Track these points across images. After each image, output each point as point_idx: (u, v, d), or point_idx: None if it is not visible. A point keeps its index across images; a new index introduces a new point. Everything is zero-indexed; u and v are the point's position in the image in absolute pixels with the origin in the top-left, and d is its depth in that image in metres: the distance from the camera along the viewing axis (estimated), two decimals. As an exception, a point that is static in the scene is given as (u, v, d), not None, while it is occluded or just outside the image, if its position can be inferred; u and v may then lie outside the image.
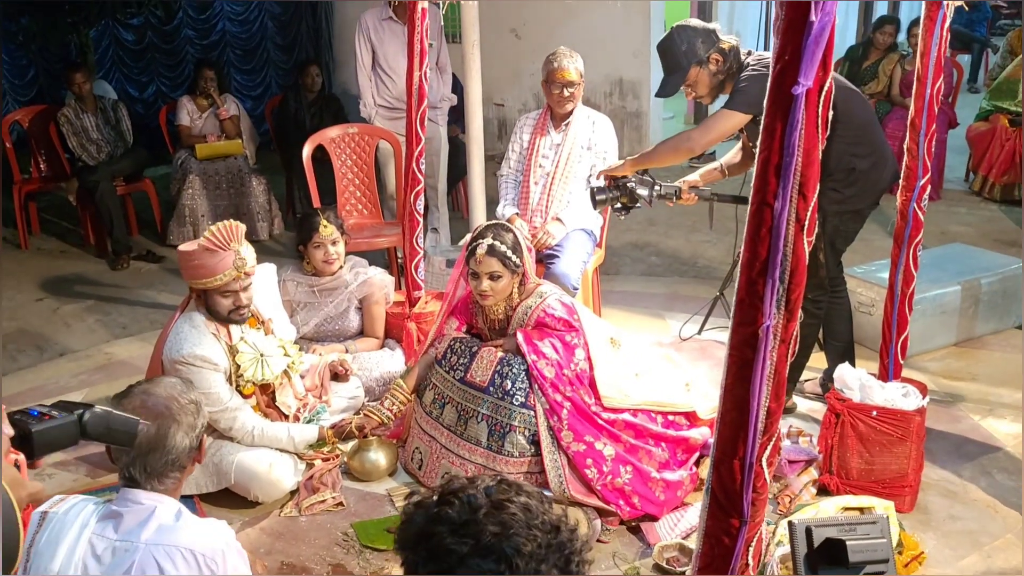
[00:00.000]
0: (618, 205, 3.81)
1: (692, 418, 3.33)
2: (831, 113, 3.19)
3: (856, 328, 4.35)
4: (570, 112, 4.28)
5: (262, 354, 3.30)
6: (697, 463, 3.28)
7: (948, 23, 2.99)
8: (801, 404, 3.81)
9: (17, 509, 1.35)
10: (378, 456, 3.39)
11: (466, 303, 3.48)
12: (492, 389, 3.16)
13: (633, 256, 6.01)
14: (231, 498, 3.25)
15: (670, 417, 3.28)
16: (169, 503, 1.88)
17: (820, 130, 1.55)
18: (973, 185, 7.09)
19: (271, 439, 3.29)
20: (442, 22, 5.64)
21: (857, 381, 3.15)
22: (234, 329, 3.28)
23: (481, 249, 3.19)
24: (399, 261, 5.02)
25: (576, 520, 1.43)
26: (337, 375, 3.74)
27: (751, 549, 1.73)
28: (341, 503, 3.24)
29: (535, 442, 3.10)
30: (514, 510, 1.30)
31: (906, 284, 3.22)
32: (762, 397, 1.63)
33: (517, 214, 4.32)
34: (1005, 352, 4.30)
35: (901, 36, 8.96)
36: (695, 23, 3.53)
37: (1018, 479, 3.27)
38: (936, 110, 3.08)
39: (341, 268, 4.05)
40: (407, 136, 4.07)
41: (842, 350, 3.72)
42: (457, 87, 5.78)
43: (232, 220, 3.18)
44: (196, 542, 1.80)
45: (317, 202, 4.97)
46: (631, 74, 8.39)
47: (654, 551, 2.87)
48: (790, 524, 1.99)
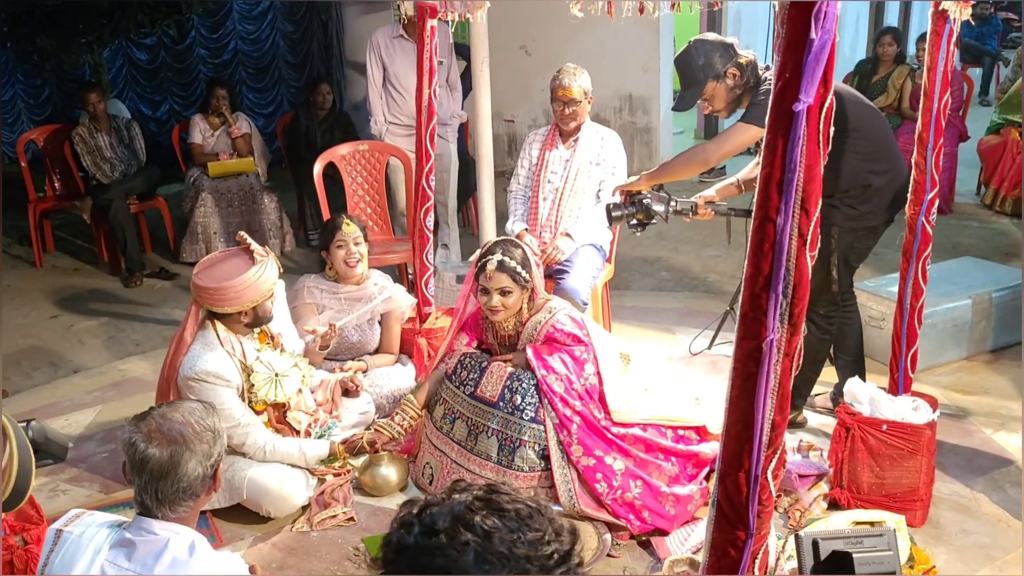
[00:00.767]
0: (634, 221, 3.78)
1: (702, 433, 3.34)
2: (848, 129, 3.24)
3: (866, 342, 4.34)
4: (576, 128, 4.31)
5: (277, 374, 3.32)
6: (707, 478, 3.28)
7: (955, 37, 3.01)
8: (812, 418, 3.80)
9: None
10: (389, 471, 3.41)
11: (476, 319, 3.50)
12: (502, 404, 3.17)
13: (643, 271, 6.02)
14: (243, 513, 3.26)
15: (680, 432, 3.28)
16: (184, 534, 1.85)
17: (821, 146, 1.56)
18: (984, 198, 7.08)
19: (283, 455, 3.31)
20: (452, 40, 5.69)
21: (867, 395, 3.15)
22: (248, 347, 3.30)
23: (491, 265, 3.21)
24: (409, 277, 5.05)
25: (575, 531, 1.28)
26: (348, 391, 3.75)
27: (757, 561, 1.74)
28: (352, 518, 3.25)
29: (545, 457, 3.10)
30: (478, 532, 1.17)
31: (915, 298, 3.22)
32: (766, 410, 1.64)
33: (526, 230, 4.35)
34: (1016, 366, 4.29)
35: (911, 49, 8.97)
36: (712, 37, 3.51)
37: (1030, 493, 3.26)
38: (944, 124, 3.09)
39: (365, 275, 4.07)
40: (417, 153, 4.10)
41: (852, 364, 3.72)
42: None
43: (240, 232, 3.30)
44: None
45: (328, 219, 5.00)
46: (641, 90, 8.43)
47: (664, 566, 2.86)
48: (797, 537, 2.00)
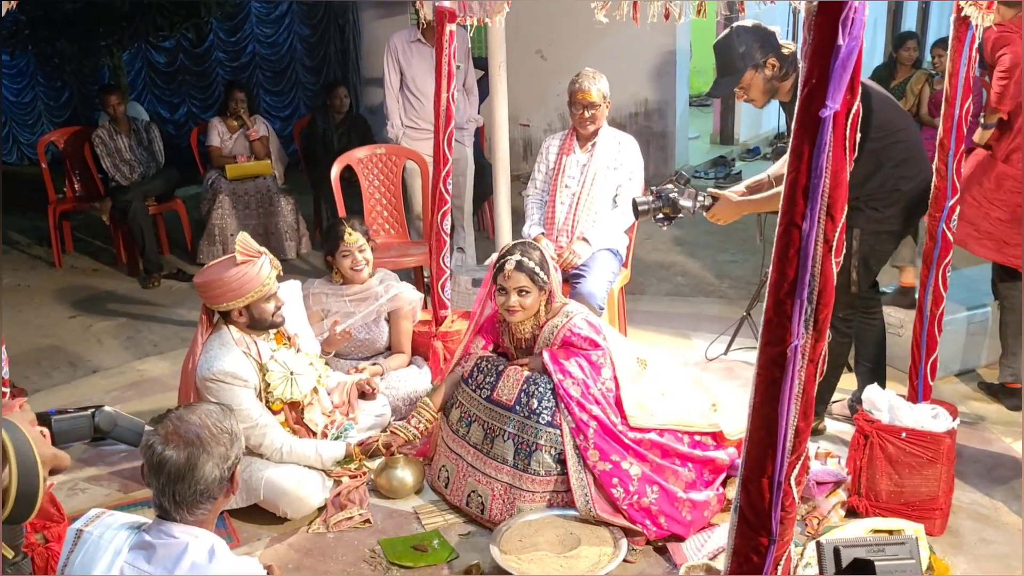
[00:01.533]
0: (660, 215, 3.66)
1: (719, 438, 3.33)
2: (882, 134, 3.23)
3: (886, 349, 4.33)
4: (594, 133, 4.31)
5: (292, 372, 3.34)
6: (724, 483, 3.27)
7: (977, 43, 2.99)
8: (830, 425, 3.78)
9: (38, 456, 1.57)
10: (405, 474, 3.41)
11: (492, 322, 3.50)
12: (518, 408, 3.17)
13: (659, 276, 6.01)
14: (260, 514, 3.28)
15: (697, 437, 3.27)
16: (203, 538, 1.85)
17: (848, 152, 1.56)
18: None
19: (299, 456, 3.32)
20: (469, 44, 5.70)
21: (886, 403, 3.13)
22: (264, 347, 3.32)
23: (510, 265, 3.21)
24: (426, 280, 5.06)
25: None
26: (364, 394, 3.76)
27: (779, 568, 1.73)
28: (368, 520, 3.26)
29: (561, 461, 3.10)
30: None
31: (935, 305, 3.21)
32: (790, 416, 1.63)
33: (543, 234, 4.35)
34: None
35: (927, 55, 8.93)
36: (755, 25, 3.43)
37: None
38: (965, 130, 3.08)
39: (371, 276, 4.08)
40: (434, 156, 4.11)
41: (872, 372, 3.70)
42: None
43: (242, 232, 3.28)
44: None
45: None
46: (657, 95, 8.42)
47: (680, 572, 2.85)
48: (818, 544, 1.99)
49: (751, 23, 3.43)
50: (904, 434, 3.02)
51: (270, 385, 3.29)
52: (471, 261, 5.83)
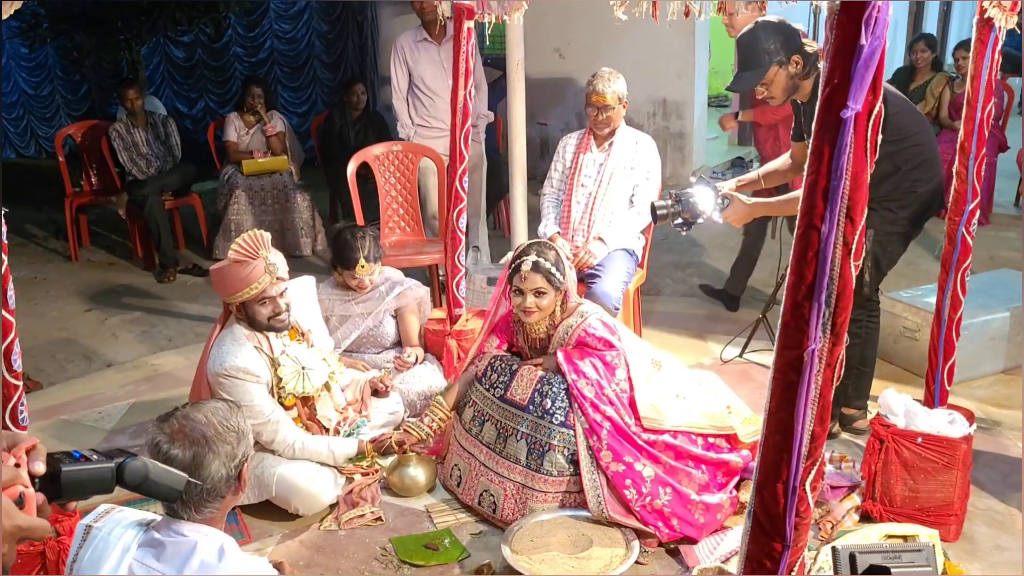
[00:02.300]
0: (679, 220, 3.61)
1: (733, 441, 3.31)
2: (900, 137, 3.20)
3: (902, 353, 4.30)
4: (610, 133, 4.29)
5: (303, 367, 3.34)
6: (738, 486, 3.25)
7: (1000, 46, 2.96)
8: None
9: None
10: (417, 472, 3.41)
11: (507, 321, 3.49)
12: (532, 408, 3.16)
13: (675, 277, 5.99)
14: (272, 510, 3.28)
15: (710, 439, 3.25)
16: (212, 536, 1.84)
17: (869, 154, 1.54)
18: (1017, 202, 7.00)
19: (312, 452, 3.32)
20: (474, 40, 5.66)
21: (902, 407, 3.10)
22: (275, 342, 3.32)
23: (526, 266, 3.20)
24: (440, 279, 5.06)
25: None
26: (377, 391, 3.76)
27: (793, 573, 1.71)
28: (380, 518, 3.26)
29: (574, 461, 3.09)
30: None
31: (953, 310, 3.18)
32: (806, 421, 1.61)
33: (559, 233, 4.34)
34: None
35: (948, 58, 8.86)
36: (780, 21, 3.39)
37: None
38: (986, 134, 3.05)
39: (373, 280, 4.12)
40: (451, 154, 4.10)
41: (867, 376, 3.68)
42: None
43: (256, 230, 3.24)
44: None
45: (360, 219, 5.03)
46: (675, 94, 8.38)
47: (692, 574, 2.84)
48: (833, 549, 1.97)
49: (776, 19, 3.40)
50: (920, 439, 2.99)
51: (282, 380, 3.29)
52: (486, 260, 5.82)
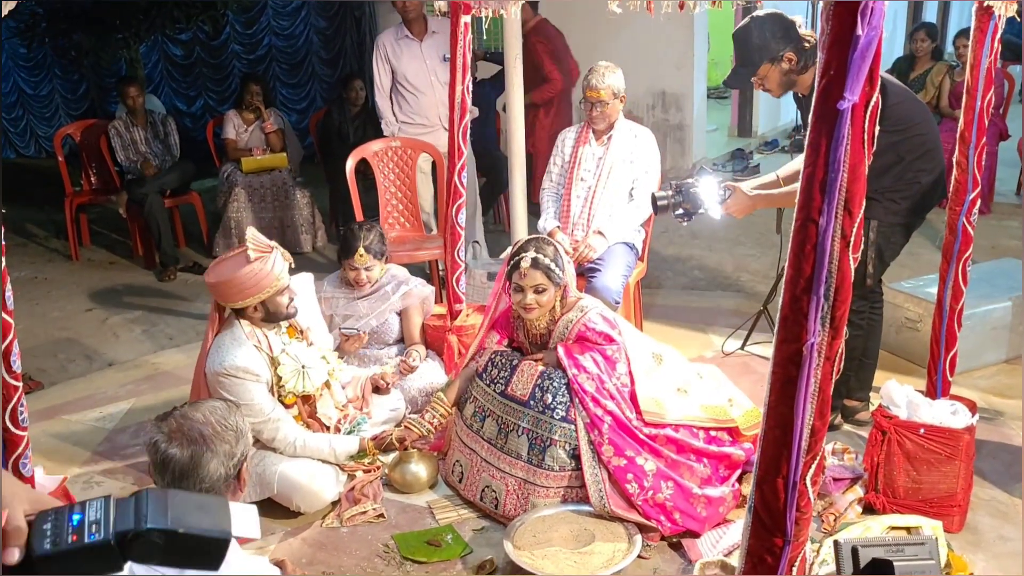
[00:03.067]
0: (680, 211, 3.59)
1: (735, 434, 3.30)
2: (902, 128, 3.19)
3: (904, 344, 4.29)
4: (609, 127, 4.28)
5: (303, 365, 3.34)
6: (740, 479, 3.25)
7: (999, 34, 2.95)
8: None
9: None
10: (419, 468, 3.40)
11: (507, 317, 3.49)
12: (533, 403, 3.15)
13: (675, 270, 5.98)
14: (273, 508, 3.27)
15: (712, 433, 3.25)
16: None
17: (866, 146, 1.52)
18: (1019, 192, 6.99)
19: (313, 450, 3.32)
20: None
21: (904, 398, 3.09)
22: (275, 341, 3.32)
23: (525, 263, 3.19)
24: (440, 274, 5.05)
25: None
26: (378, 388, 3.76)
27: (794, 568, 1.71)
28: (382, 515, 3.25)
29: (576, 456, 3.08)
30: None
31: (955, 300, 3.17)
32: (806, 415, 1.60)
33: (559, 227, 4.32)
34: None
35: (948, 47, 8.83)
36: (775, 15, 3.35)
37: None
38: (986, 122, 3.03)
39: (378, 279, 4.11)
40: (448, 150, 4.09)
41: (870, 368, 3.67)
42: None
43: (250, 228, 3.29)
44: None
45: (360, 215, 5.02)
46: (674, 87, 8.36)
47: (695, 568, 2.84)
48: (836, 543, 1.96)
49: (771, 12, 3.37)
50: (922, 430, 2.98)
51: (282, 379, 3.29)
52: (486, 255, 5.81)
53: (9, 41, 10.03)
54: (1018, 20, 2.90)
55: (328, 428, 3.44)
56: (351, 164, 5.20)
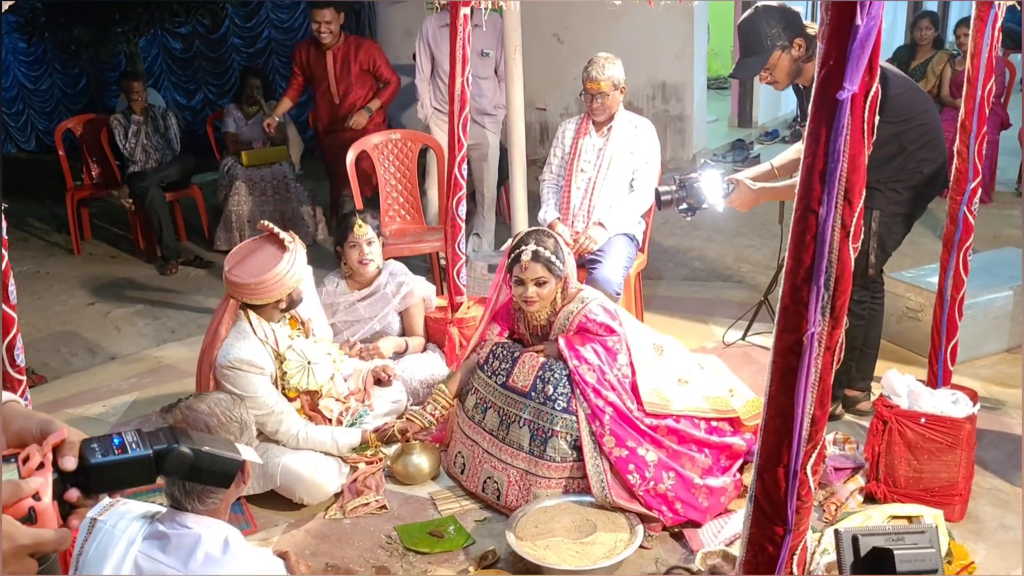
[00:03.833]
0: (684, 206, 3.57)
1: (736, 424, 3.31)
2: (904, 118, 3.18)
3: (904, 333, 4.29)
4: (609, 118, 4.28)
5: (309, 362, 3.34)
6: (741, 469, 3.26)
7: (1000, 23, 2.94)
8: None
9: None
10: (421, 460, 3.41)
11: (508, 308, 3.49)
12: (534, 394, 3.16)
13: (676, 261, 5.98)
14: (276, 500, 3.29)
15: (713, 423, 3.25)
16: (216, 528, 1.85)
17: (866, 136, 1.52)
18: (1017, 187, 6.98)
19: (315, 442, 3.33)
20: (502, 31, 5.60)
21: (905, 388, 3.10)
22: (282, 336, 3.33)
23: (526, 256, 3.19)
24: (441, 266, 5.05)
25: None
26: (380, 380, 3.76)
27: (795, 558, 1.71)
28: (385, 506, 3.27)
29: (577, 447, 3.09)
30: None
31: (956, 289, 3.17)
32: (807, 405, 1.60)
33: (559, 219, 4.33)
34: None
35: (950, 36, 8.81)
36: (780, 4, 3.35)
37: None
38: (987, 111, 3.03)
39: (379, 271, 4.08)
40: (449, 142, 4.09)
41: (872, 357, 3.67)
42: None
43: (264, 222, 3.32)
44: None
45: (360, 207, 5.02)
46: (674, 77, 8.35)
47: (697, 558, 2.84)
48: (836, 532, 1.96)
49: (776, 2, 3.37)
50: (923, 419, 2.99)
51: (287, 373, 3.29)
52: (487, 247, 5.81)
53: (9, 36, 10.03)
54: (1019, 8, 2.89)
55: (330, 421, 3.45)
56: (351, 157, 5.20)
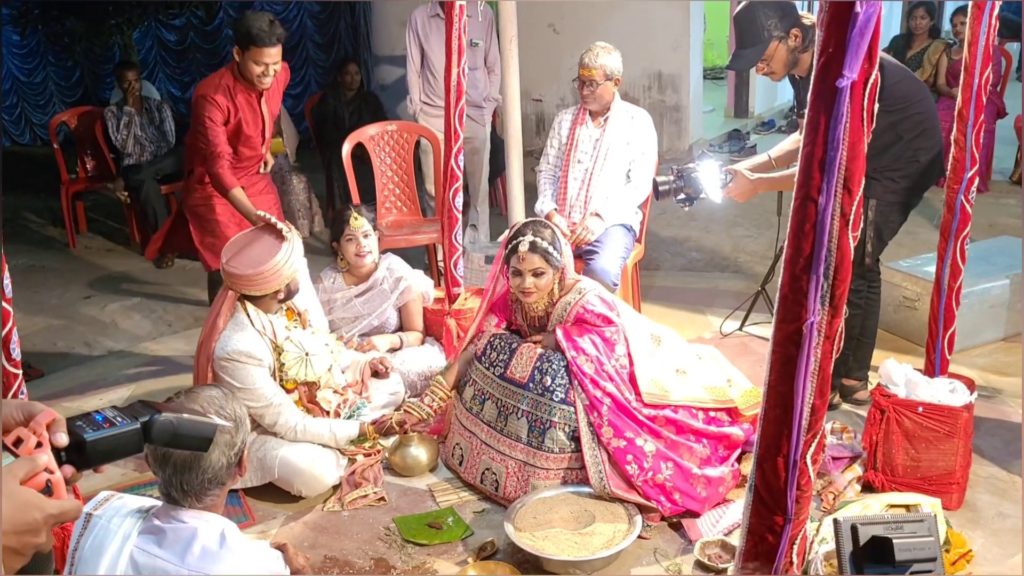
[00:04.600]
0: (682, 196, 3.58)
1: (734, 414, 3.31)
2: (901, 106, 3.18)
3: (902, 322, 4.29)
4: (605, 108, 4.26)
5: (307, 353, 3.34)
6: (739, 459, 3.26)
7: (996, 11, 2.93)
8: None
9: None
10: (419, 452, 3.41)
11: (505, 300, 3.48)
12: (532, 385, 3.16)
13: (673, 251, 5.97)
14: (275, 492, 3.28)
15: (711, 413, 3.26)
16: (213, 522, 1.84)
17: (865, 124, 1.52)
18: (1012, 176, 6.98)
19: (313, 435, 3.32)
20: (493, 21, 5.57)
21: (903, 377, 3.10)
22: (280, 328, 3.32)
23: (523, 246, 3.18)
24: (438, 259, 5.04)
25: None
26: (377, 372, 3.76)
27: (795, 547, 1.71)
28: (383, 498, 3.26)
29: (575, 438, 3.09)
30: None
31: (953, 278, 3.17)
32: (806, 394, 1.61)
33: (556, 210, 4.32)
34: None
35: (946, 25, 8.80)
36: None
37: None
38: (984, 100, 3.03)
39: (375, 266, 4.07)
40: (445, 133, 4.08)
41: (869, 346, 3.68)
42: None
43: (261, 213, 3.36)
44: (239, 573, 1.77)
45: (357, 199, 5.01)
46: (670, 68, 8.33)
47: (696, 548, 2.85)
48: (835, 522, 1.97)
49: None
50: (921, 408, 2.99)
51: (284, 365, 3.29)
52: (484, 238, 5.80)
53: (2, 28, 9.98)
54: (1015, -3, 2.88)
55: (328, 413, 3.45)
56: (347, 149, 5.19)
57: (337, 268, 4.11)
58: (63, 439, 1.19)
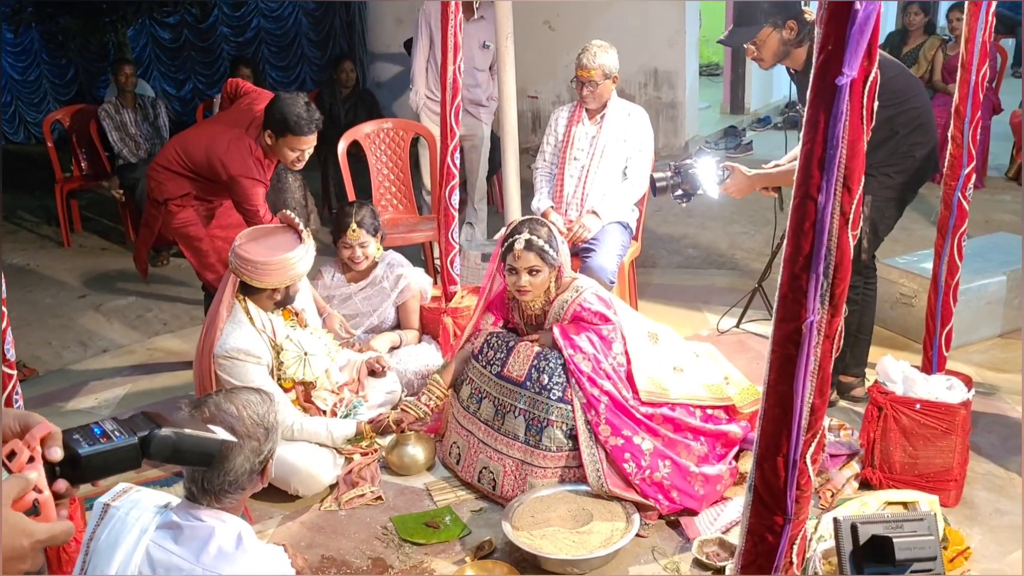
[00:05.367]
0: (679, 192, 3.58)
1: (731, 412, 3.31)
2: (896, 102, 3.17)
3: (899, 319, 4.29)
4: (601, 106, 4.26)
5: (306, 353, 3.33)
6: (737, 457, 3.26)
7: (993, 7, 2.93)
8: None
9: None
10: (416, 451, 3.41)
11: (502, 298, 3.48)
12: (529, 384, 3.15)
13: (670, 248, 5.97)
14: (271, 492, 3.27)
15: (709, 411, 3.25)
16: (230, 524, 1.86)
17: (865, 121, 1.51)
18: (1008, 172, 6.98)
19: (310, 434, 3.31)
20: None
21: (900, 374, 3.10)
22: (279, 326, 3.31)
23: (519, 244, 3.17)
24: (435, 257, 5.03)
25: None
26: (374, 371, 3.75)
27: (795, 547, 1.71)
28: (380, 497, 3.26)
29: (573, 436, 3.09)
30: None
31: (950, 275, 3.17)
32: (806, 394, 1.60)
33: (552, 207, 4.31)
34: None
35: (941, 21, 8.80)
36: None
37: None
38: (981, 96, 3.02)
39: (374, 264, 4.08)
40: (441, 131, 4.07)
41: (865, 343, 3.67)
42: None
43: (285, 211, 3.31)
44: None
45: (352, 197, 4.99)
46: (666, 64, 8.32)
47: (693, 546, 2.85)
48: (835, 521, 1.96)
49: None
50: (918, 405, 2.99)
51: (283, 364, 3.28)
52: (480, 236, 5.79)
53: (-4, 26, 9.95)
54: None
55: (324, 412, 3.44)
56: (343, 146, 5.17)
57: (338, 265, 4.12)
58: (57, 454, 1.15)
